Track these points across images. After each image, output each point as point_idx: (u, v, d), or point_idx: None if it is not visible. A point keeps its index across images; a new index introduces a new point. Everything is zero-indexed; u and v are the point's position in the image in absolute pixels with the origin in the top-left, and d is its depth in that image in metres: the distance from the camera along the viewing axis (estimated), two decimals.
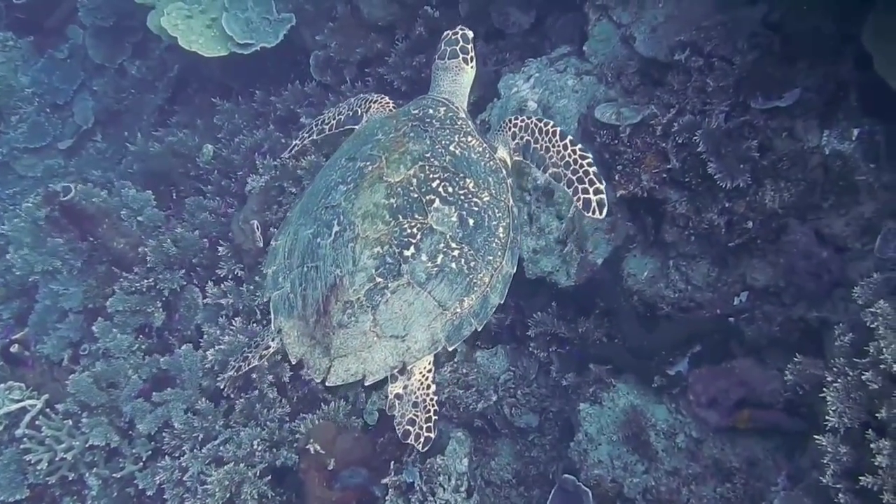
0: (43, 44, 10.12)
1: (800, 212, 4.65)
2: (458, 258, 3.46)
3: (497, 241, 3.61)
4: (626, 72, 5.28)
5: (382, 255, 3.38)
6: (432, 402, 3.61)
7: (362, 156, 3.72)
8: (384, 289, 3.37)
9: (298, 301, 3.56)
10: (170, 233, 6.61)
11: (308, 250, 3.58)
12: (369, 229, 3.42)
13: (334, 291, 3.40)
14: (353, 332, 3.38)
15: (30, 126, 9.49)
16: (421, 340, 3.43)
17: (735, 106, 4.71)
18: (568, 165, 3.84)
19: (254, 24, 7.29)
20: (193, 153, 7.47)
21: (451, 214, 3.50)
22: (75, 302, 6.65)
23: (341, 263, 3.40)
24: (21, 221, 6.94)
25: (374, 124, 4.01)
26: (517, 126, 4.00)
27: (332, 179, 3.74)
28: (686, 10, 5.08)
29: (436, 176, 3.55)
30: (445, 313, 3.45)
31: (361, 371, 3.41)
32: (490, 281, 3.57)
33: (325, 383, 3.41)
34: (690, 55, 4.87)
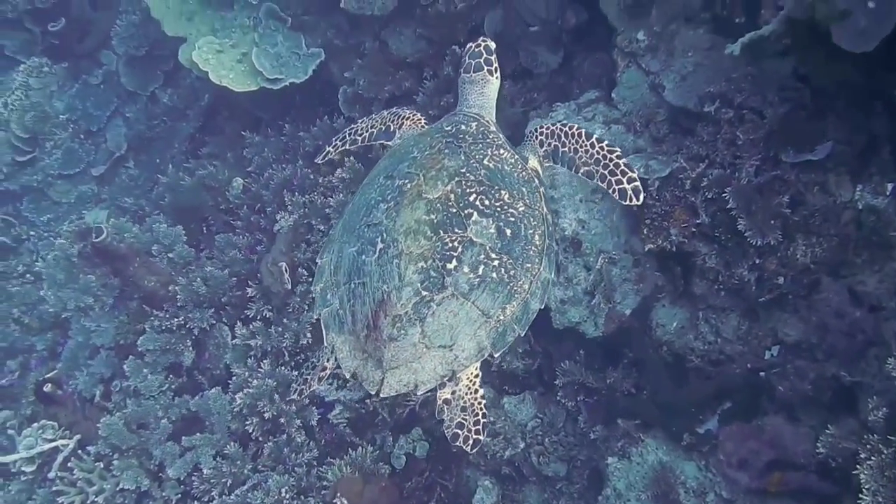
0: (77, 69, 10.24)
1: (832, 267, 4.58)
2: (498, 268, 3.56)
3: (534, 249, 3.71)
4: (655, 120, 5.24)
5: (426, 269, 3.48)
6: (480, 405, 3.70)
7: (400, 174, 3.80)
8: (430, 301, 3.46)
9: (348, 317, 3.65)
10: (200, 271, 6.64)
11: (354, 267, 3.67)
12: (412, 245, 3.52)
13: (382, 306, 3.48)
14: (404, 345, 3.47)
15: (64, 152, 9.60)
16: (468, 349, 3.53)
17: (766, 159, 4.67)
18: (598, 162, 3.93)
19: (283, 58, 7.33)
20: (223, 186, 7.50)
21: (490, 226, 3.59)
22: (107, 339, 6.73)
23: (387, 279, 3.50)
24: (54, 258, 7.02)
25: (409, 142, 4.09)
26: (544, 133, 4.11)
27: (371, 197, 3.83)
28: (715, 61, 5.02)
29: (472, 190, 3.65)
30: (489, 321, 3.55)
31: (413, 381, 3.51)
32: (530, 287, 3.67)
33: (380, 395, 3.52)
34: (720, 107, 4.83)
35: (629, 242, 5.12)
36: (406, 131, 4.43)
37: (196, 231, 7.49)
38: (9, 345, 7.76)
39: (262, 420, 5.74)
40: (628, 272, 5.10)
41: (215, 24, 7.83)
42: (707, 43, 5.08)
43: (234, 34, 7.64)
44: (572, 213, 5.13)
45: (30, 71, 9.95)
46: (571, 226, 5.12)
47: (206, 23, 7.87)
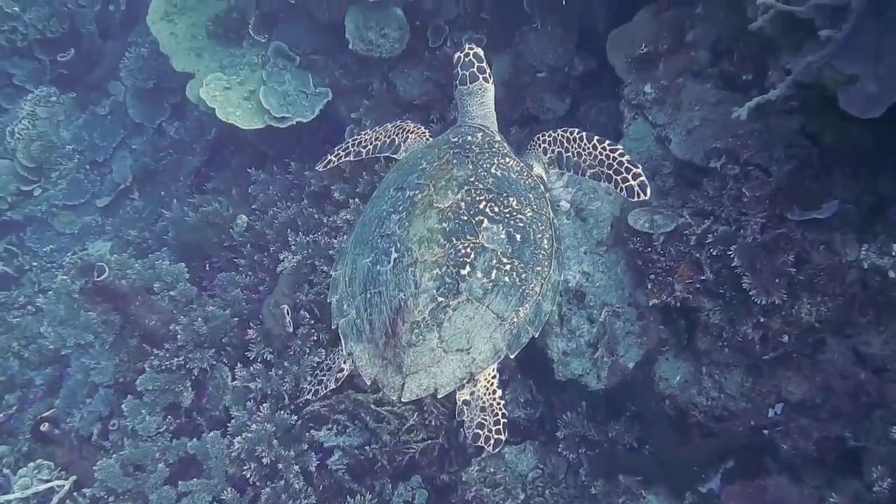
0: (85, 99, 10.28)
1: (837, 327, 4.55)
2: (510, 272, 3.66)
3: (543, 252, 3.82)
4: (661, 172, 5.23)
5: (441, 275, 3.59)
6: (499, 405, 3.78)
7: (410, 185, 3.92)
8: (446, 307, 3.56)
9: (366, 325, 3.74)
10: (201, 310, 6.61)
11: (369, 277, 3.77)
12: (426, 253, 3.63)
13: (400, 314, 3.59)
14: (422, 350, 3.57)
15: (69, 183, 9.63)
16: (484, 351, 3.63)
17: (771, 216, 4.64)
18: (602, 163, 4.02)
19: (291, 97, 7.34)
20: (228, 223, 7.50)
21: (500, 232, 3.70)
22: (106, 377, 6.68)
23: (403, 287, 3.60)
24: (56, 294, 7.00)
25: (417, 154, 4.21)
26: (546, 141, 4.23)
27: (383, 209, 3.94)
28: (722, 116, 5.02)
29: (481, 198, 3.76)
30: (504, 324, 3.65)
31: (433, 385, 3.61)
32: (541, 290, 3.78)
33: (402, 399, 3.61)
34: (726, 162, 4.81)
35: (633, 295, 5.09)
36: (411, 144, 4.56)
37: (199, 268, 7.48)
38: (7, 379, 7.72)
39: (260, 465, 5.68)
40: (632, 325, 5.07)
41: (224, 61, 7.85)
42: (714, 98, 5.07)
43: (243, 71, 7.66)
44: (576, 265, 5.11)
45: (37, 100, 10.00)
46: (575, 278, 5.09)
47: (214, 59, 7.90)
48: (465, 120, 4.43)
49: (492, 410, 3.76)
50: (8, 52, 10.49)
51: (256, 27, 7.61)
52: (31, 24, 10.31)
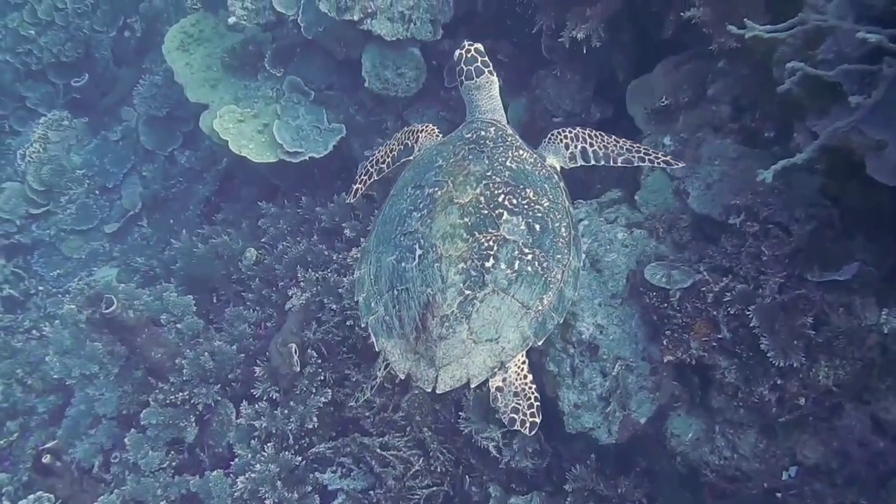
0: (97, 124, 10.30)
1: (855, 392, 4.47)
2: (532, 261, 3.77)
3: (562, 240, 3.93)
4: (678, 226, 5.18)
5: (467, 269, 3.68)
6: (532, 389, 3.91)
7: (429, 182, 4.00)
8: (473, 299, 3.65)
9: (395, 322, 3.81)
10: (208, 344, 6.57)
11: (395, 275, 3.83)
12: (451, 248, 3.72)
13: (429, 308, 3.66)
14: (453, 342, 3.66)
15: (78, 207, 9.62)
16: (513, 340, 3.72)
17: (790, 276, 4.58)
18: (630, 150, 4.39)
19: (304, 132, 7.33)
20: (236, 256, 7.46)
21: (520, 223, 3.80)
22: (110, 408, 6.64)
23: (431, 283, 3.68)
24: (62, 323, 6.95)
25: (431, 152, 4.28)
26: (568, 137, 4.40)
27: (403, 207, 4.01)
28: (742, 171, 4.98)
29: (500, 191, 3.86)
30: (530, 312, 3.74)
31: (465, 375, 3.70)
32: (562, 277, 3.89)
33: (436, 391, 3.69)
34: (746, 219, 4.76)
35: (647, 350, 5.03)
36: (423, 143, 4.61)
37: (206, 300, 7.44)
38: (10, 405, 7.64)
39: None
40: (645, 380, 5.00)
41: (238, 93, 7.87)
42: (734, 153, 5.04)
43: (257, 104, 7.66)
44: (590, 318, 5.05)
45: (49, 124, 10.03)
46: (589, 330, 5.03)
47: (229, 91, 7.92)
48: (476, 115, 4.52)
49: (525, 394, 3.90)
50: (22, 74, 10.55)
51: (272, 61, 7.63)
52: (45, 48, 10.42)
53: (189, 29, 8.42)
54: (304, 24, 6.98)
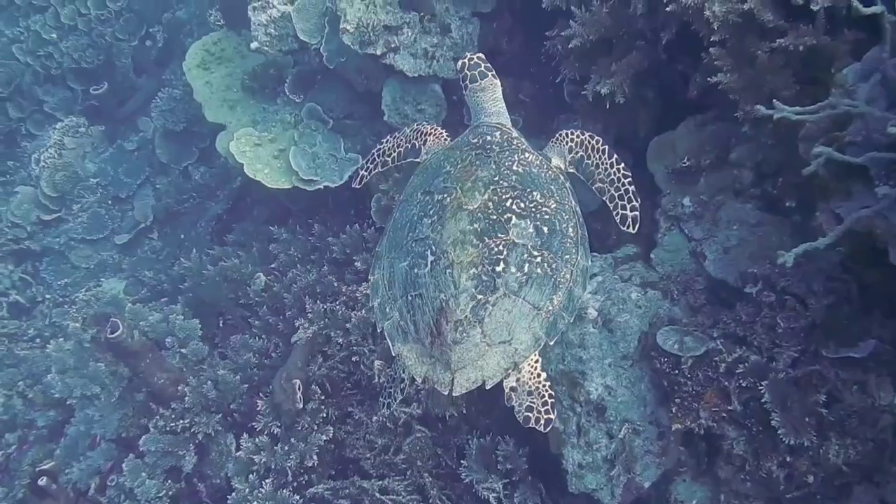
0: (113, 133, 10.28)
1: (866, 473, 4.40)
2: (541, 263, 3.85)
3: (570, 241, 4.02)
4: (693, 288, 5.12)
5: (478, 274, 3.76)
6: (546, 388, 3.96)
7: (437, 189, 4.08)
8: (486, 303, 3.74)
9: (410, 327, 3.90)
10: (211, 371, 6.52)
11: (408, 280, 3.93)
12: (462, 254, 3.80)
13: (443, 314, 3.74)
14: (467, 346, 3.74)
15: (90, 216, 9.58)
16: (525, 341, 3.81)
17: (805, 351, 4.52)
18: (612, 183, 4.36)
19: (320, 159, 7.27)
20: (245, 280, 7.40)
21: (528, 227, 3.88)
22: (109, 430, 6.60)
23: (443, 289, 3.77)
24: (66, 342, 6.91)
25: (439, 157, 4.35)
26: (574, 141, 4.44)
27: (413, 214, 4.09)
28: (761, 237, 4.93)
29: (507, 196, 3.94)
30: (541, 313, 3.83)
31: (480, 377, 3.78)
32: (571, 276, 3.97)
33: (453, 394, 3.79)
34: (762, 289, 4.70)
35: (655, 414, 4.96)
36: (431, 147, 4.67)
37: (212, 323, 7.39)
38: (10, 418, 7.61)
39: None
40: (651, 444, 4.93)
41: (256, 116, 7.83)
42: (754, 219, 4.98)
43: (274, 128, 7.61)
44: (599, 378, 4.99)
45: (66, 130, 10.02)
46: (597, 390, 4.97)
47: (247, 113, 7.88)
48: (482, 119, 4.58)
49: (538, 393, 3.95)
50: (41, 78, 10.54)
51: (292, 86, 7.59)
52: (66, 53, 10.42)
53: (211, 47, 8.40)
54: (326, 54, 6.94)
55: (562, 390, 5.06)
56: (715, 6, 4.59)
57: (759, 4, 4.50)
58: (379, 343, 6.28)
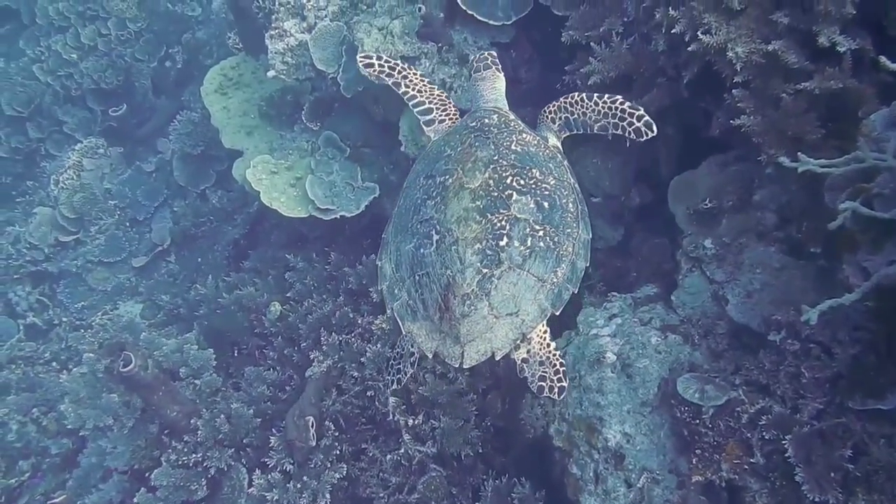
0: (132, 154, 10.28)
1: None
2: (543, 237, 4.00)
3: (570, 215, 4.18)
4: (715, 332, 5.00)
5: (483, 249, 3.92)
6: (556, 356, 4.16)
7: (439, 172, 4.27)
8: (491, 277, 3.89)
9: (419, 305, 4.07)
10: (224, 404, 6.45)
11: (414, 261, 4.09)
12: (466, 231, 3.97)
13: (450, 289, 3.89)
14: (476, 319, 3.89)
15: (107, 238, 9.57)
16: (531, 312, 3.98)
17: (831, 402, 4.38)
18: (606, 115, 4.59)
19: (337, 188, 7.19)
20: (261, 308, 7.35)
21: (529, 202, 4.03)
22: (122, 462, 6.53)
23: (449, 265, 3.93)
24: (80, 373, 6.87)
25: (439, 143, 4.58)
26: (552, 111, 4.69)
27: (417, 197, 4.28)
28: (785, 283, 4.79)
29: (507, 174, 4.11)
30: (545, 285, 4.00)
31: (489, 349, 3.95)
32: (573, 249, 4.14)
33: (463, 366, 3.93)
34: (786, 337, 4.57)
35: (675, 462, 4.83)
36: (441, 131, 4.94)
37: (227, 352, 7.33)
38: (24, 444, 7.58)
39: None
40: (671, 493, 4.80)
41: (273, 143, 7.78)
42: (777, 263, 4.84)
43: (291, 156, 7.55)
44: (618, 425, 4.86)
45: (85, 151, 10.04)
46: (615, 437, 4.84)
47: (264, 140, 7.83)
48: (480, 104, 4.82)
49: (550, 362, 4.12)
50: (61, 98, 10.56)
51: (310, 114, 7.53)
52: (86, 74, 10.42)
53: (229, 72, 8.37)
54: (343, 83, 6.86)
55: (579, 436, 4.94)
56: (738, 47, 4.48)
57: (783, 46, 4.39)
58: None
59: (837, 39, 4.26)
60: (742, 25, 4.57)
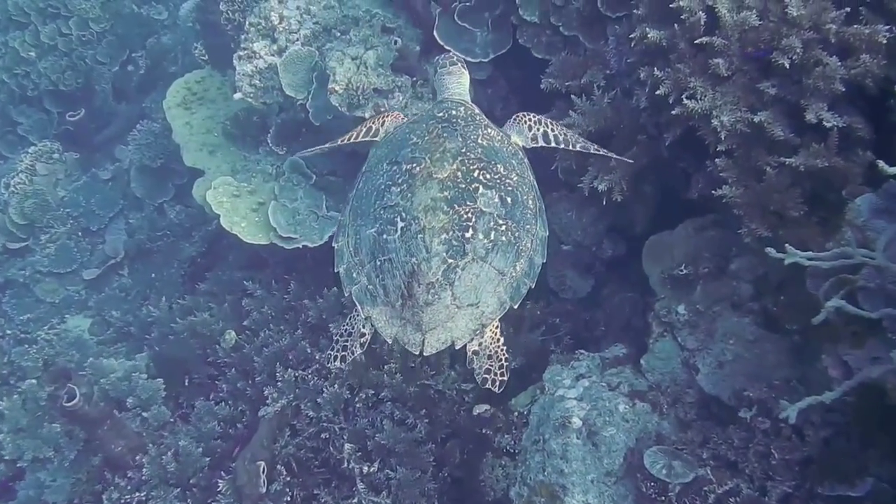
0: (88, 161, 9.94)
1: None
2: (505, 231, 4.03)
3: (530, 212, 4.23)
4: (684, 400, 4.91)
5: (449, 239, 3.92)
6: (503, 351, 4.13)
7: (405, 159, 4.22)
8: (456, 267, 3.90)
9: (379, 290, 4.03)
10: (172, 438, 6.20)
11: (376, 246, 4.05)
12: (433, 220, 3.95)
13: (415, 277, 3.89)
14: (438, 308, 3.90)
15: (58, 249, 9.20)
16: (491, 304, 4.00)
17: (799, 486, 4.28)
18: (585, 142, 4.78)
19: (301, 216, 6.97)
20: (215, 336, 7.09)
21: (493, 197, 4.06)
22: (60, 497, 6.26)
23: (415, 252, 3.91)
24: (21, 400, 6.55)
25: (403, 130, 4.55)
26: (531, 121, 4.73)
27: (380, 183, 4.23)
28: (758, 356, 4.70)
29: (474, 167, 4.13)
30: (505, 278, 4.02)
31: (450, 338, 3.95)
32: (532, 245, 4.18)
33: (423, 353, 3.95)
34: (757, 414, 4.46)
35: None
36: (389, 127, 4.89)
37: (178, 381, 7.05)
38: None
39: None
40: None
41: (236, 164, 7.53)
42: (751, 335, 4.74)
43: (255, 179, 7.31)
44: (581, 494, 4.71)
45: (38, 154, 9.68)
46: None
47: (227, 160, 7.59)
48: (445, 96, 4.83)
49: (497, 357, 4.09)
50: (17, 98, 10.18)
51: (276, 137, 7.29)
52: (44, 74, 10.04)
53: (194, 86, 8.09)
54: (312, 110, 6.65)
55: (541, 502, 4.80)
56: (724, 116, 4.36)
57: (769, 118, 4.28)
58: (350, 421, 6.03)
59: (825, 116, 4.14)
60: (728, 92, 4.45)
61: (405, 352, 5.94)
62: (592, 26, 5.60)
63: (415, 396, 5.89)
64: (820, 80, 4.12)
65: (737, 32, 4.40)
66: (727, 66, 4.41)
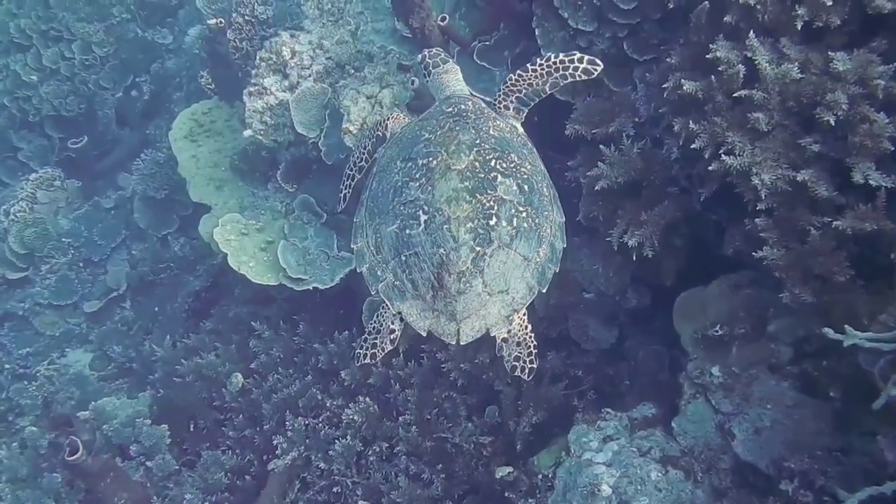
0: (90, 189, 9.72)
1: None
2: (526, 218, 4.12)
3: (546, 199, 4.32)
4: (718, 467, 4.65)
5: (475, 228, 4.00)
6: (531, 338, 4.26)
7: (420, 154, 4.27)
8: (484, 255, 3.98)
9: (407, 285, 4.11)
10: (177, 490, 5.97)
11: (399, 242, 4.12)
12: (457, 210, 4.02)
13: (444, 267, 3.96)
14: (471, 296, 3.99)
15: (58, 280, 8.98)
16: (521, 290, 4.11)
17: None
18: (550, 74, 4.65)
19: (311, 256, 6.75)
20: (221, 379, 6.86)
21: (512, 185, 4.12)
22: None
23: (442, 243, 3.98)
24: (21, 448, 6.31)
25: (413, 128, 4.57)
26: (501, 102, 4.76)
27: (396, 180, 4.27)
28: (798, 423, 4.45)
29: (490, 157, 4.20)
30: (531, 264, 4.11)
31: (484, 326, 4.06)
32: (551, 231, 4.28)
33: (460, 342, 4.04)
34: (799, 487, 4.22)
35: None
36: (393, 128, 4.90)
37: (182, 426, 6.81)
38: None
39: None
40: None
41: (245, 200, 7.32)
42: (790, 400, 4.50)
43: (263, 216, 7.09)
44: None
45: (40, 182, 9.50)
46: None
47: (235, 196, 7.38)
48: (448, 93, 4.85)
49: (525, 344, 4.21)
50: (18, 123, 9.97)
51: (285, 174, 7.07)
52: (46, 99, 9.85)
53: (200, 117, 7.88)
54: (324, 149, 6.44)
55: None
56: (764, 174, 4.14)
57: (813, 176, 4.06)
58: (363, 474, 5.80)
59: (872, 175, 3.93)
60: (768, 148, 4.23)
61: (420, 403, 5.77)
62: (618, 69, 5.38)
63: (431, 451, 5.66)
64: (867, 138, 3.92)
65: (777, 86, 4.19)
66: (767, 120, 4.21)
